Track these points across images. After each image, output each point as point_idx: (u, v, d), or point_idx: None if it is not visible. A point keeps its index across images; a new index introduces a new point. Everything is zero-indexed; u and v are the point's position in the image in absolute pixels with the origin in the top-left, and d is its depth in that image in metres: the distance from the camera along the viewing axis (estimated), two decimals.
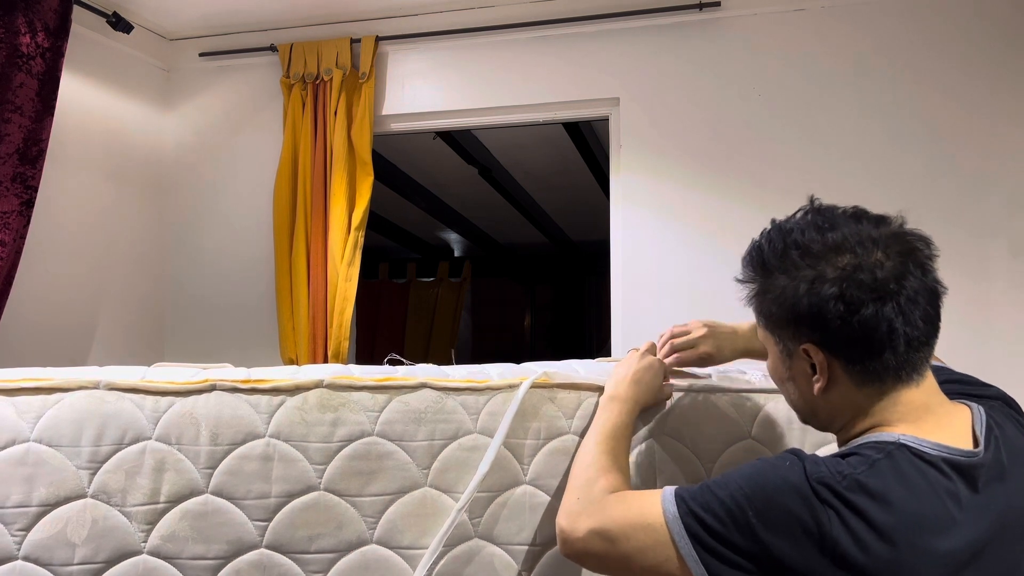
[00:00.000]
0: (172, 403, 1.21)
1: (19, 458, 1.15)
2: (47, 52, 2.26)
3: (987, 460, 0.90)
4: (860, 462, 0.88)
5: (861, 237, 0.93)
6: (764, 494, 0.88)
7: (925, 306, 0.92)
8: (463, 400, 1.26)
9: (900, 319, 0.90)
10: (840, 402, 0.96)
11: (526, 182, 4.38)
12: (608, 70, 2.62)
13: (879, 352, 0.91)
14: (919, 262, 0.93)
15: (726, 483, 0.91)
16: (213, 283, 2.95)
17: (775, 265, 0.96)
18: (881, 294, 0.90)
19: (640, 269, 2.58)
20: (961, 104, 2.35)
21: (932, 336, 0.94)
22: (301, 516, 1.19)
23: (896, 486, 0.86)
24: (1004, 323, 2.29)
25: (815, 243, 0.94)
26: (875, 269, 0.91)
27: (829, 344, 0.93)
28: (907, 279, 0.91)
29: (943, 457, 0.88)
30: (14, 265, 2.20)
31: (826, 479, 0.86)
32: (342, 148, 2.72)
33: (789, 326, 0.96)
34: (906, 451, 0.88)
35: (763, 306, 0.99)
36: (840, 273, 0.91)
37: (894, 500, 0.84)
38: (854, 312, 0.90)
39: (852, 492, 0.85)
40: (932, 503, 0.85)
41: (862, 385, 0.94)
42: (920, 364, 0.94)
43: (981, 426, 0.93)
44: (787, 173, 2.46)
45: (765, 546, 0.86)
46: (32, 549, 1.14)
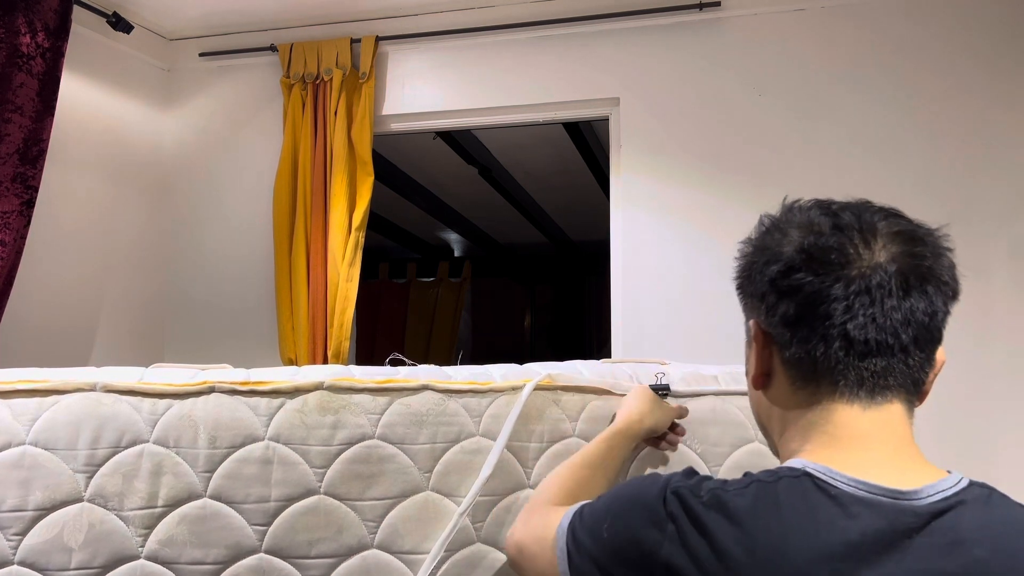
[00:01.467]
0: (170, 405, 1.20)
1: (15, 461, 1.14)
2: (47, 52, 2.25)
3: (923, 513, 0.70)
4: (738, 482, 0.75)
5: (854, 221, 0.79)
6: (618, 506, 0.81)
7: (889, 313, 0.75)
8: (465, 402, 1.25)
9: (842, 306, 0.75)
10: (776, 408, 0.83)
11: (526, 182, 4.37)
12: (608, 70, 2.61)
13: (808, 338, 0.76)
14: (911, 268, 0.76)
15: (607, 493, 0.86)
16: (213, 283, 2.94)
17: (757, 233, 0.85)
18: (824, 268, 0.75)
19: (640, 269, 2.57)
20: (961, 104, 2.34)
21: (892, 352, 0.76)
22: (301, 520, 1.18)
23: (764, 513, 0.71)
24: (1004, 323, 2.28)
25: (802, 215, 0.82)
26: (834, 239, 0.77)
27: (767, 320, 0.80)
28: (875, 272, 0.75)
29: (856, 495, 0.70)
30: (14, 265, 2.20)
31: (681, 491, 0.75)
32: (342, 148, 2.71)
33: (742, 294, 0.85)
34: (807, 481, 0.72)
35: (737, 281, 0.87)
36: (797, 240, 0.78)
37: (752, 530, 0.70)
38: (785, 275, 0.77)
39: (707, 508, 0.73)
40: (805, 547, 0.68)
41: (796, 386, 0.79)
42: (871, 382, 0.76)
43: (951, 485, 0.72)
44: (787, 173, 2.45)
45: (609, 563, 0.78)
46: (28, 554, 1.12)
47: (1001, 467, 2.24)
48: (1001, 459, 2.25)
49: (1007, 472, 2.24)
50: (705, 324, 2.43)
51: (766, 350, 0.82)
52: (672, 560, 0.73)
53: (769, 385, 0.84)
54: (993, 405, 2.26)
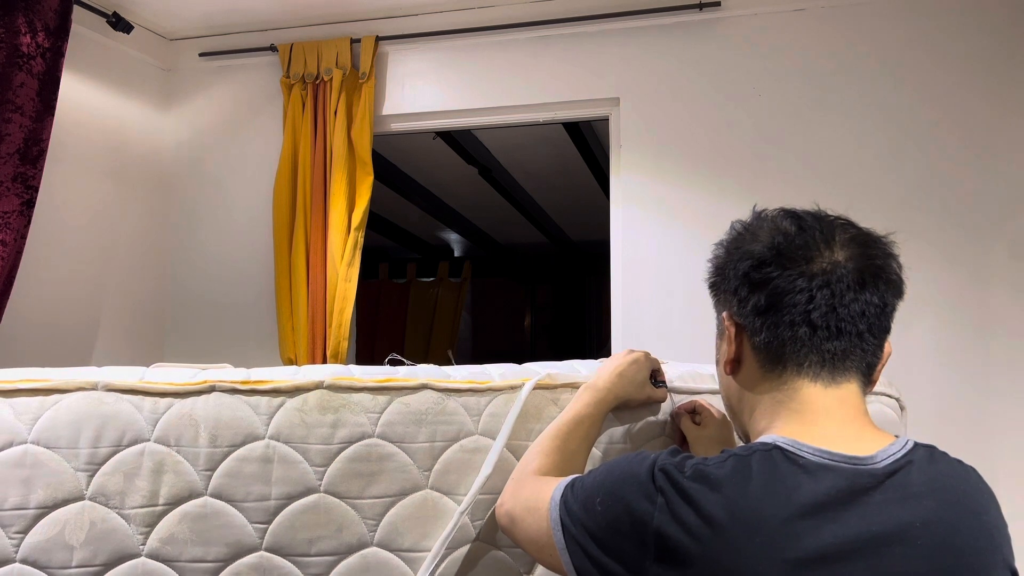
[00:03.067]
0: (171, 404, 1.20)
1: (16, 460, 1.15)
2: (47, 52, 2.25)
3: (879, 473, 0.80)
4: (717, 457, 0.84)
5: (818, 226, 0.90)
6: (611, 482, 0.88)
7: (848, 304, 0.86)
8: (464, 401, 1.25)
9: (807, 296, 0.86)
10: (745, 392, 0.93)
11: (526, 182, 4.37)
12: (608, 70, 2.62)
13: (776, 324, 0.87)
14: (867, 266, 0.87)
15: (597, 469, 0.92)
16: (213, 282, 2.95)
17: (728, 237, 0.97)
18: (790, 264, 0.87)
19: (640, 269, 2.57)
20: (960, 104, 2.35)
21: (849, 337, 0.87)
22: (301, 518, 1.18)
23: (739, 481, 0.79)
24: (1003, 324, 2.28)
25: (765, 220, 0.94)
26: (800, 239, 0.88)
27: (739, 311, 0.92)
28: (836, 269, 0.86)
29: (820, 463, 0.80)
30: (15, 265, 2.20)
31: (668, 467, 0.83)
32: (342, 148, 2.71)
33: (715, 291, 0.97)
34: (778, 453, 0.82)
35: (710, 281, 1.00)
36: (770, 238, 0.90)
37: (730, 494, 0.78)
38: (758, 268, 0.89)
39: (690, 480, 0.81)
40: (776, 507, 0.78)
41: (764, 368, 0.90)
42: (832, 363, 0.87)
43: (898, 448, 0.84)
44: (787, 173, 2.46)
45: (603, 535, 0.85)
46: (30, 552, 1.13)
47: (1001, 465, 2.24)
48: (1001, 457, 2.25)
49: (1007, 470, 2.24)
50: (704, 324, 2.41)
51: (737, 338, 0.93)
52: (663, 528, 0.80)
53: (739, 370, 0.95)
54: (993, 404, 2.27)
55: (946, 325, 2.28)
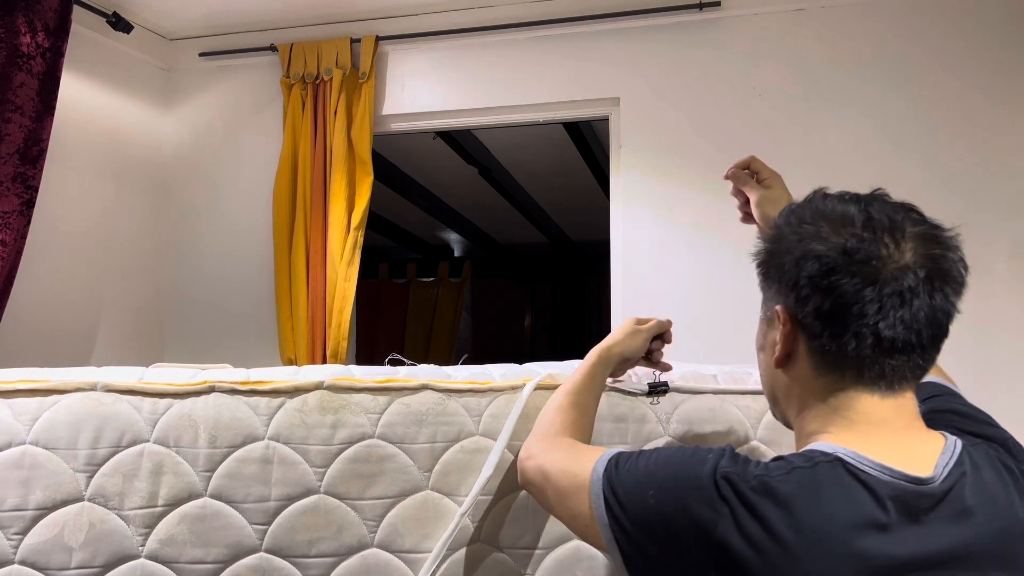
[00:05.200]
0: (170, 405, 1.20)
1: (15, 461, 1.14)
2: (47, 52, 2.25)
3: (940, 492, 0.80)
4: (779, 466, 0.82)
5: (883, 219, 0.85)
6: (668, 478, 0.85)
7: (916, 313, 0.82)
8: (465, 402, 1.25)
9: (876, 307, 0.81)
10: (795, 386, 0.90)
11: (526, 182, 4.37)
12: (608, 70, 2.61)
13: (840, 334, 0.83)
14: (935, 271, 0.83)
15: (649, 456, 0.90)
16: (213, 282, 2.95)
17: (785, 222, 0.91)
18: (863, 271, 0.82)
19: (640, 269, 2.57)
20: (961, 104, 2.34)
21: (913, 349, 0.84)
22: (301, 520, 1.18)
23: (807, 499, 0.78)
24: (1004, 323, 2.28)
25: (828, 208, 0.88)
26: (871, 245, 0.83)
27: (798, 309, 0.86)
28: (906, 274, 0.82)
29: (884, 480, 0.80)
30: (15, 265, 2.20)
31: (732, 476, 0.81)
32: (342, 148, 2.71)
33: (771, 282, 0.91)
34: (839, 467, 0.80)
35: (761, 262, 0.94)
36: (835, 237, 0.84)
37: (799, 513, 0.77)
38: (827, 275, 0.83)
39: (756, 493, 0.79)
40: (844, 529, 0.77)
41: (819, 372, 0.87)
42: (891, 375, 0.84)
43: (948, 459, 0.83)
44: (787, 173, 2.43)
45: (653, 527, 0.84)
46: (29, 553, 1.13)
47: None
48: None
49: None
50: (705, 323, 2.43)
51: (791, 335, 0.88)
52: (727, 539, 0.79)
53: (790, 366, 0.90)
54: (993, 404, 2.26)
55: None
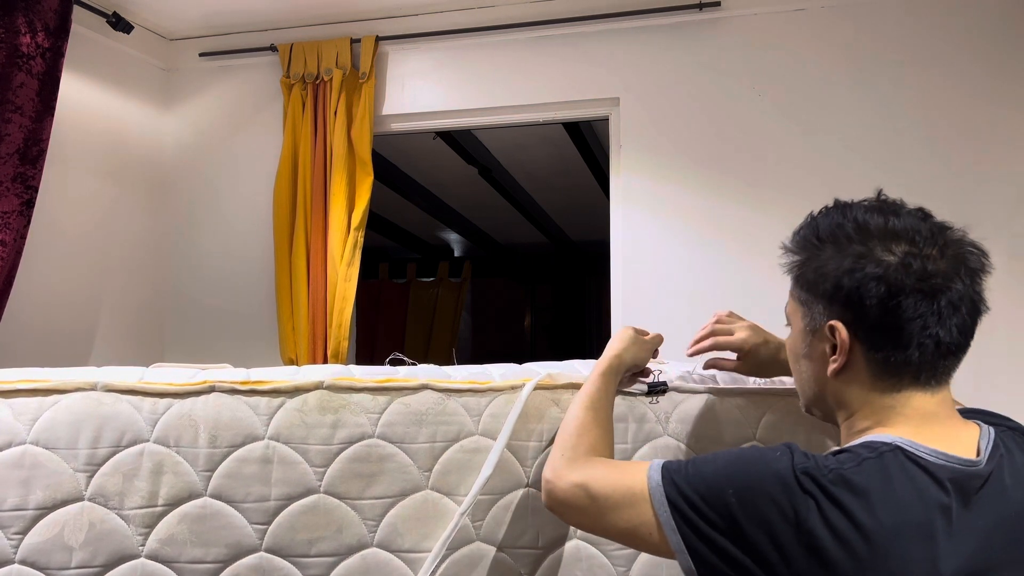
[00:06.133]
0: (170, 405, 1.20)
1: (15, 460, 1.15)
2: (47, 52, 2.25)
3: (986, 473, 0.88)
4: (849, 459, 0.87)
5: (921, 230, 0.92)
6: (747, 478, 0.88)
7: (964, 315, 0.91)
8: (465, 402, 1.25)
9: (936, 318, 0.89)
10: (849, 391, 0.95)
11: (526, 182, 4.37)
12: (608, 70, 2.61)
13: (906, 345, 0.90)
14: (971, 270, 0.93)
15: (713, 460, 0.92)
16: (213, 283, 2.95)
17: (827, 236, 0.95)
18: (926, 288, 0.89)
19: (640, 269, 2.57)
20: (961, 103, 2.34)
21: (962, 348, 0.93)
22: (301, 519, 1.18)
23: (881, 487, 0.84)
24: (1004, 323, 2.27)
25: (874, 223, 0.94)
26: (927, 262, 0.90)
27: (858, 325, 0.92)
28: (955, 282, 0.90)
29: (940, 464, 0.87)
30: (14, 265, 2.20)
31: (811, 470, 0.86)
32: (342, 148, 2.71)
33: (823, 299, 0.95)
34: (900, 454, 0.87)
35: (803, 275, 0.98)
36: (891, 257, 0.90)
37: (876, 501, 0.83)
38: (894, 296, 0.89)
39: (835, 485, 0.84)
40: (917, 512, 0.84)
41: (877, 378, 0.93)
42: (942, 373, 0.93)
43: (988, 442, 0.92)
44: (787, 173, 2.45)
45: (740, 528, 0.86)
46: (29, 553, 1.13)
47: None
48: None
49: None
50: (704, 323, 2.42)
51: (847, 347, 0.93)
52: (815, 531, 0.83)
53: (845, 373, 0.95)
54: (993, 404, 2.26)
55: None
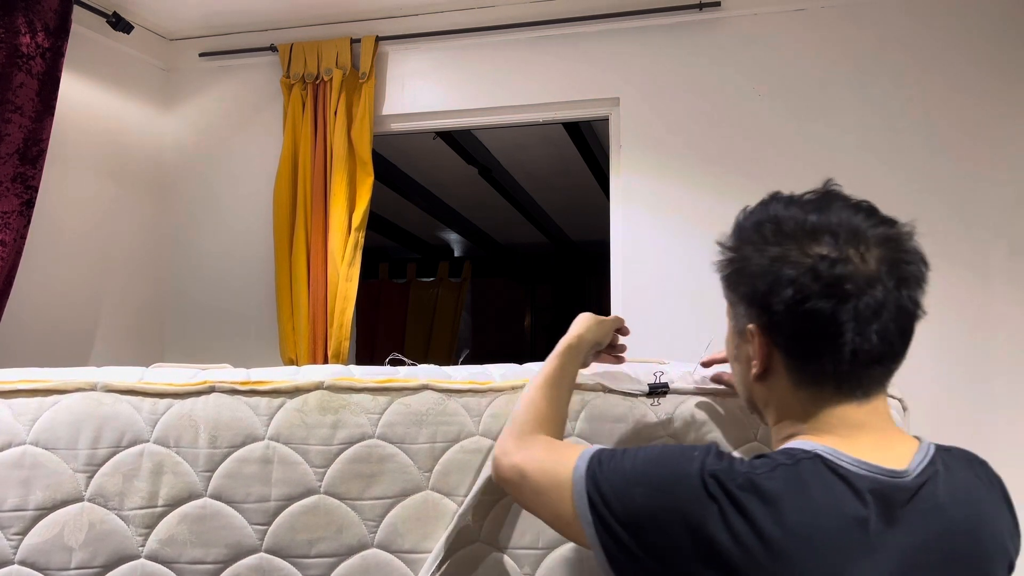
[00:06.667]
0: (170, 405, 1.20)
1: (15, 461, 1.14)
2: (47, 52, 2.25)
3: (914, 486, 0.83)
4: (763, 464, 0.83)
5: (843, 228, 0.85)
6: (656, 478, 0.86)
7: (887, 322, 0.83)
8: (465, 402, 1.25)
9: (852, 325, 0.82)
10: (773, 397, 0.92)
11: (526, 182, 4.37)
12: (608, 70, 2.61)
13: (819, 354, 0.85)
14: (901, 276, 0.85)
15: (634, 455, 0.90)
16: (213, 283, 2.94)
17: (748, 235, 0.92)
18: (836, 293, 0.82)
19: (640, 269, 2.57)
20: (961, 103, 2.34)
21: (888, 357, 0.86)
22: (301, 520, 1.18)
23: (792, 495, 0.80)
24: (1004, 322, 2.27)
25: (791, 222, 0.88)
26: (839, 264, 0.83)
27: (772, 331, 0.88)
28: (875, 287, 0.83)
29: (861, 475, 0.82)
30: (14, 265, 2.20)
31: (719, 474, 0.82)
32: (342, 148, 2.71)
33: (742, 302, 0.92)
34: (819, 463, 0.82)
35: (728, 275, 0.95)
36: (803, 258, 0.84)
37: (785, 509, 0.79)
38: (802, 302, 0.83)
39: (743, 491, 0.80)
40: (829, 522, 0.79)
41: (798, 386, 0.88)
42: (868, 383, 0.87)
43: (923, 457, 0.86)
44: (787, 173, 2.45)
45: (643, 529, 0.84)
46: (29, 553, 1.13)
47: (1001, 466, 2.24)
48: (1001, 458, 2.24)
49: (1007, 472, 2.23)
50: (705, 324, 2.43)
51: (768, 352, 0.90)
52: (716, 537, 0.79)
53: (767, 378, 0.92)
54: (993, 405, 2.26)
55: (947, 324, 2.27)
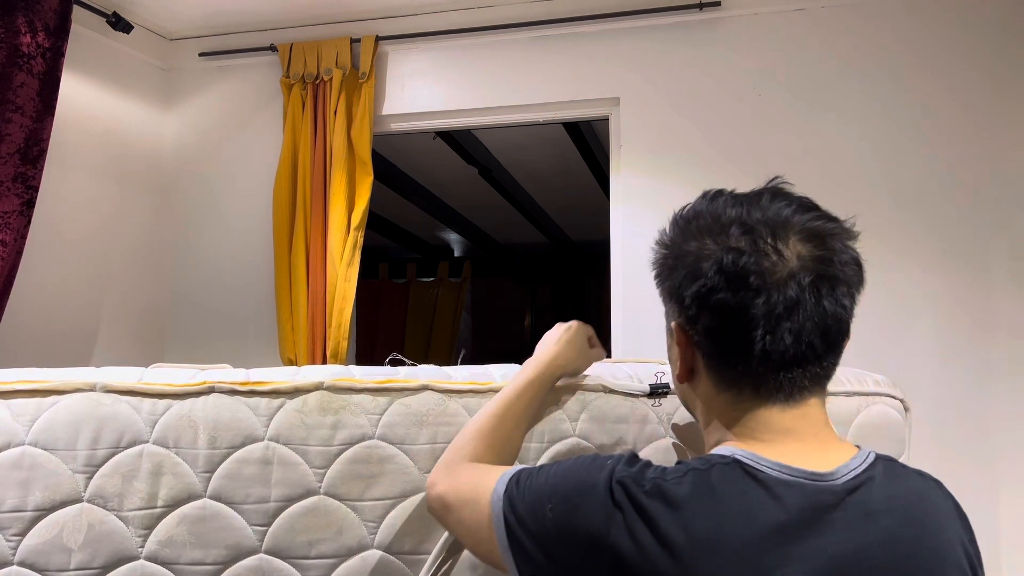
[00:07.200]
0: (170, 405, 1.20)
1: (14, 462, 1.14)
2: (47, 52, 2.25)
3: (839, 491, 0.77)
4: (675, 470, 0.80)
5: (765, 223, 0.81)
6: (565, 489, 0.82)
7: (803, 322, 0.78)
8: (466, 402, 1.24)
9: (761, 324, 0.78)
10: (698, 399, 0.90)
11: (526, 182, 4.37)
12: (608, 70, 2.61)
13: (729, 353, 0.82)
14: (822, 274, 0.79)
15: (547, 470, 0.87)
16: (213, 283, 2.94)
17: (673, 231, 0.90)
18: (740, 287, 0.79)
19: (640, 269, 2.55)
20: (961, 103, 2.34)
21: (808, 360, 0.80)
22: (301, 521, 1.18)
23: (700, 500, 0.75)
24: (1005, 323, 2.27)
25: (709, 216, 0.85)
26: (748, 256, 0.79)
27: (689, 327, 0.85)
28: (789, 285, 0.78)
29: (782, 479, 0.77)
30: (15, 265, 2.19)
31: (626, 481, 0.79)
32: (342, 148, 2.71)
33: (668, 298, 0.89)
34: (737, 467, 0.78)
35: (657, 272, 0.92)
36: (717, 252, 0.81)
37: (691, 515, 0.75)
38: (707, 296, 0.80)
39: (649, 497, 0.76)
40: (742, 528, 0.74)
41: (718, 388, 0.85)
42: (788, 387, 0.81)
43: (860, 463, 0.80)
44: (787, 173, 2.43)
45: (553, 546, 0.81)
46: (28, 554, 1.12)
47: (1002, 467, 2.24)
48: (1002, 459, 2.25)
49: (1008, 472, 2.23)
50: None
51: (688, 351, 0.88)
52: (618, 545, 0.76)
53: (693, 380, 0.90)
54: (994, 405, 2.26)
55: (947, 324, 2.27)
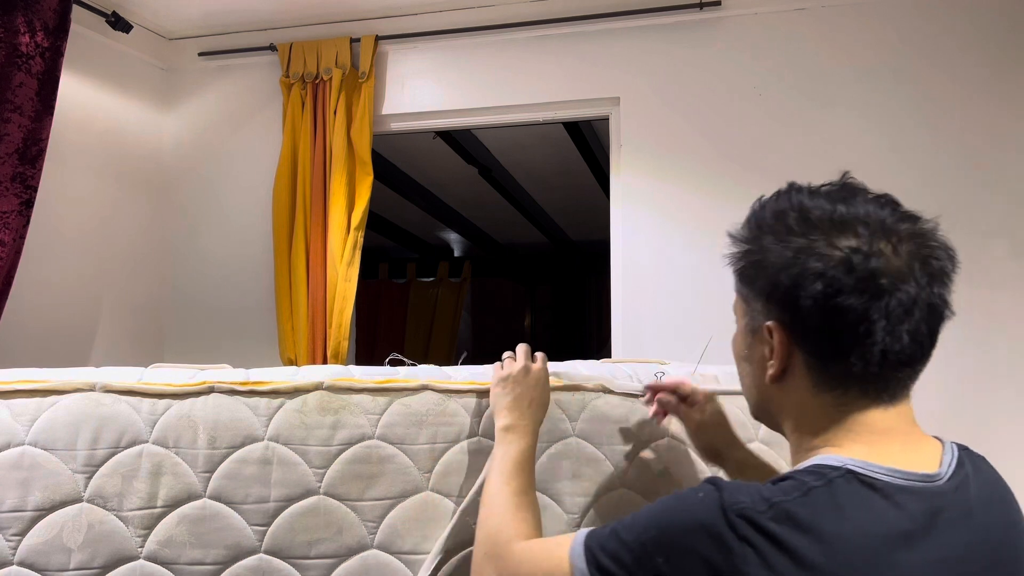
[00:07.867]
0: (169, 405, 1.20)
1: (14, 462, 1.14)
2: (46, 52, 2.25)
3: (948, 491, 0.79)
4: (793, 488, 0.76)
5: (872, 221, 0.81)
6: (670, 536, 0.77)
7: (919, 322, 0.79)
8: (465, 402, 1.25)
9: (882, 324, 0.78)
10: (791, 402, 0.86)
11: (526, 182, 4.37)
12: (608, 70, 2.61)
13: (846, 353, 0.79)
14: (931, 272, 0.80)
15: (633, 525, 0.81)
16: (212, 283, 2.94)
17: (768, 226, 0.86)
18: (869, 288, 0.77)
19: (640, 269, 2.57)
20: (961, 103, 2.34)
21: (917, 359, 0.81)
22: (301, 521, 1.18)
23: (831, 518, 0.74)
24: (1005, 323, 2.27)
25: (817, 211, 0.83)
26: (873, 258, 0.78)
27: (795, 328, 0.82)
28: (907, 283, 0.79)
29: (899, 485, 0.77)
30: (14, 265, 2.19)
31: (746, 511, 0.74)
32: (342, 148, 2.71)
33: (761, 297, 0.85)
34: (853, 479, 0.77)
35: (743, 269, 0.88)
36: (832, 251, 0.79)
37: (827, 534, 0.73)
38: (831, 297, 0.78)
39: (778, 523, 0.73)
40: (875, 543, 0.73)
41: (820, 389, 0.83)
42: (895, 386, 0.82)
43: (951, 458, 0.82)
44: (788, 173, 2.42)
45: None
46: (28, 554, 1.12)
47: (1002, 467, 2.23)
48: (1002, 459, 2.24)
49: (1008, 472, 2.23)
50: (705, 324, 2.42)
51: (786, 349, 0.84)
52: None
53: (785, 380, 0.85)
54: (994, 405, 2.26)
55: (948, 324, 2.27)
